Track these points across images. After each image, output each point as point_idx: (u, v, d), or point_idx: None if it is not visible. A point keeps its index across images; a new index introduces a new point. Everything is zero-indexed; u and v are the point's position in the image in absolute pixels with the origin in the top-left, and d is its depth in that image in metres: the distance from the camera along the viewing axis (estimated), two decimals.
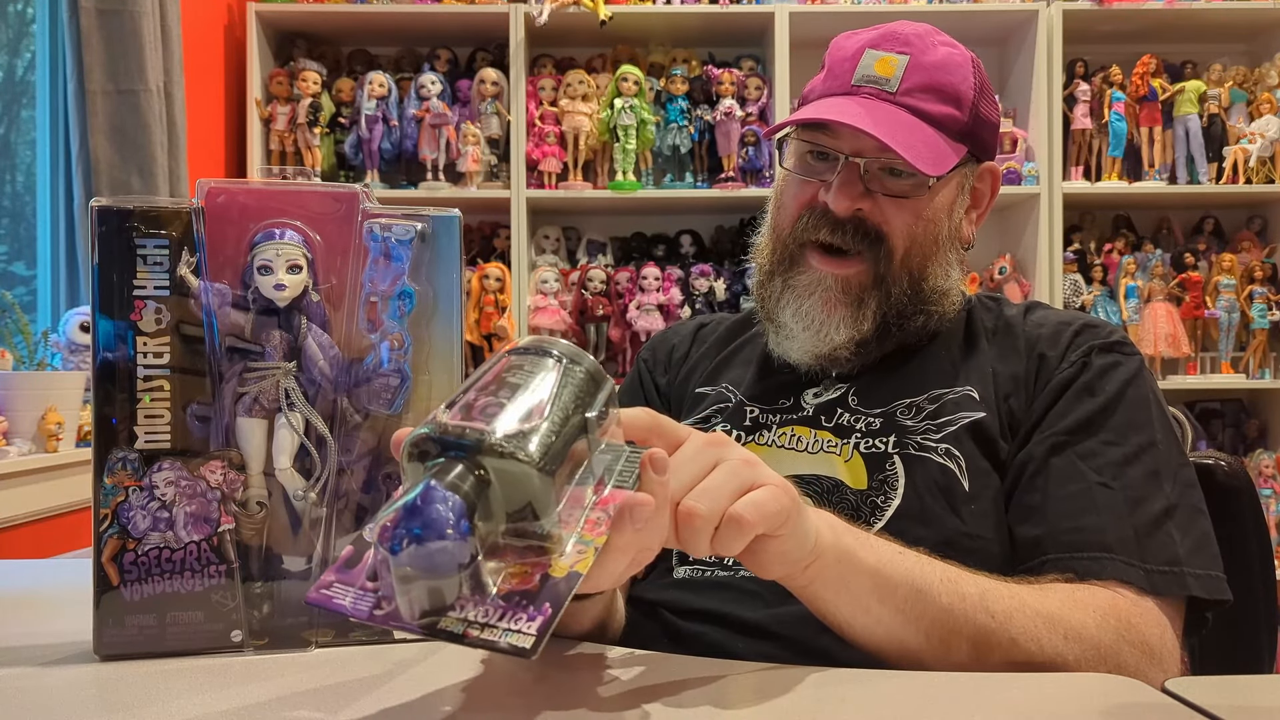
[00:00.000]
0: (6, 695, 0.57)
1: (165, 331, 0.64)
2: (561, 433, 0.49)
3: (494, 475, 0.46)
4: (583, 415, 0.50)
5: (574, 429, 0.50)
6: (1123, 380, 0.83)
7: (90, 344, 0.65)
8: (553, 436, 0.48)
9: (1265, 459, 2.71)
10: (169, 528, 0.64)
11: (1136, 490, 0.78)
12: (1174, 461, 0.81)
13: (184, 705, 0.56)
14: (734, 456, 0.58)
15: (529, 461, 0.46)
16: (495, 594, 0.47)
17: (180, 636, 0.64)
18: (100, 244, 0.63)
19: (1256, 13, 2.73)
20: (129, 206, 0.64)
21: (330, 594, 0.48)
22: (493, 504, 0.47)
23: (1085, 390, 0.83)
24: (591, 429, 0.51)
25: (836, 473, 0.86)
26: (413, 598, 0.45)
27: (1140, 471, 0.79)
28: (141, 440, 0.64)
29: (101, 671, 0.62)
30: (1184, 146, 2.74)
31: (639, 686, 0.59)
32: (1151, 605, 0.73)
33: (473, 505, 0.45)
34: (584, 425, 0.50)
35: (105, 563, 0.63)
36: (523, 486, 0.47)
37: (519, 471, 0.46)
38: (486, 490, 0.46)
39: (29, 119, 2.21)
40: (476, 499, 0.46)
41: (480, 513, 0.46)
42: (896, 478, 0.84)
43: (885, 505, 0.83)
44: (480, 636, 0.45)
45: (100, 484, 0.63)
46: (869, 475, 0.84)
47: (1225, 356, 2.74)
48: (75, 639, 0.65)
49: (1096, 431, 0.81)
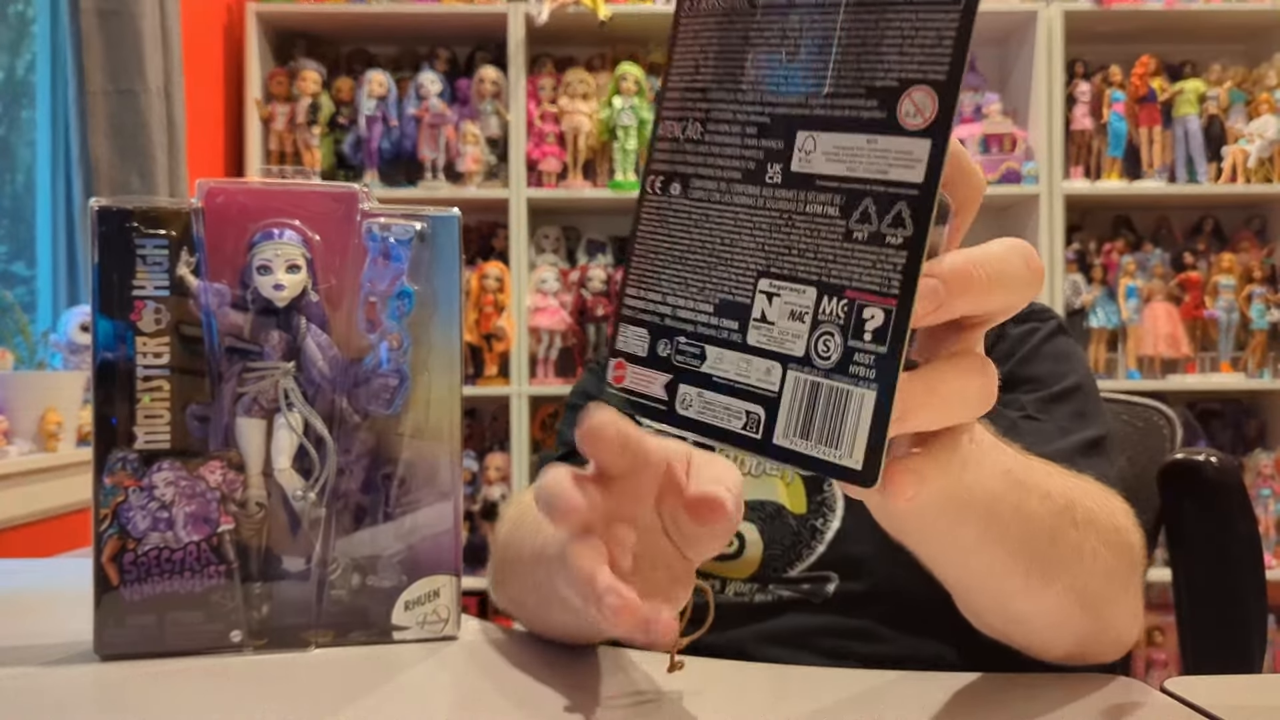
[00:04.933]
0: (6, 695, 0.57)
1: (165, 332, 0.64)
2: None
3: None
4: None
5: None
6: (1041, 338, 0.82)
7: (90, 344, 0.65)
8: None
9: (1264, 459, 2.71)
10: (169, 528, 0.64)
11: (1064, 423, 0.77)
12: (1100, 409, 0.80)
13: (184, 705, 0.56)
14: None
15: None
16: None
17: (180, 636, 0.64)
18: (100, 244, 0.63)
19: (1256, 14, 2.73)
20: (129, 206, 0.64)
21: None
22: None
23: (1003, 358, 0.81)
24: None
25: (778, 496, 0.82)
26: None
27: (1067, 409, 0.78)
28: (141, 440, 0.64)
29: (101, 671, 0.62)
30: (1183, 147, 2.74)
31: (642, 686, 0.59)
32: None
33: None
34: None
35: (105, 563, 0.63)
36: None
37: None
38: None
39: (29, 119, 2.21)
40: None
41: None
42: (835, 498, 0.81)
43: (824, 529, 0.80)
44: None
45: (100, 484, 0.63)
46: (808, 498, 0.81)
47: (1225, 356, 2.74)
48: (75, 639, 0.65)
49: (1017, 386, 0.80)
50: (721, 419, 0.37)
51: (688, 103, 0.38)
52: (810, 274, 0.35)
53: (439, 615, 0.69)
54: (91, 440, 0.64)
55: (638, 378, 0.39)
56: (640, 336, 0.40)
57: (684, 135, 0.39)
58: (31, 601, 0.80)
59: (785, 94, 0.36)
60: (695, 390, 0.38)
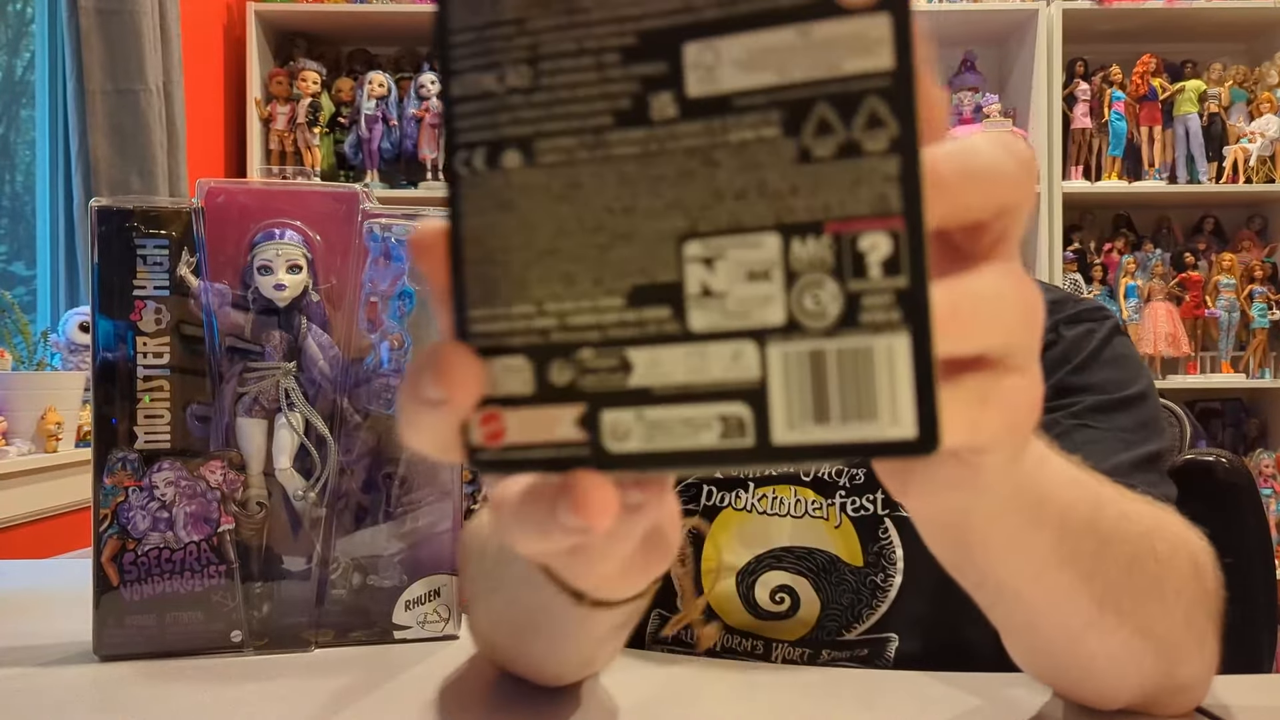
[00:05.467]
0: (6, 695, 0.57)
1: (165, 332, 0.64)
2: None
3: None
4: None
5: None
6: (1099, 340, 0.75)
7: (90, 344, 0.65)
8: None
9: (1265, 458, 2.72)
10: (169, 528, 0.64)
11: (1125, 434, 0.69)
12: (1162, 420, 0.74)
13: (184, 705, 0.56)
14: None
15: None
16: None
17: (180, 637, 0.64)
18: (100, 244, 0.63)
19: (1256, 12, 2.73)
20: (129, 206, 0.64)
21: None
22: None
23: (1057, 362, 0.74)
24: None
25: (830, 545, 0.72)
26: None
27: (1128, 419, 0.71)
28: (141, 440, 0.64)
29: (101, 671, 0.62)
30: (1184, 146, 2.74)
31: (643, 685, 0.59)
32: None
33: None
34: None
35: (105, 563, 0.63)
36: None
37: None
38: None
39: (28, 119, 2.21)
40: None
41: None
42: (893, 545, 0.71)
43: (887, 585, 0.71)
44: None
45: (100, 484, 0.63)
46: (863, 546, 0.72)
47: (1225, 356, 2.74)
48: (75, 639, 0.65)
49: (1072, 392, 0.72)
50: (684, 438, 0.27)
51: (496, 41, 0.28)
52: (762, 218, 0.27)
53: (439, 615, 0.69)
54: (91, 440, 0.64)
55: (528, 425, 0.28)
56: (515, 368, 0.28)
57: (504, 86, 0.28)
58: (31, 601, 0.80)
59: (654, 1, 0.27)
60: (630, 414, 0.28)
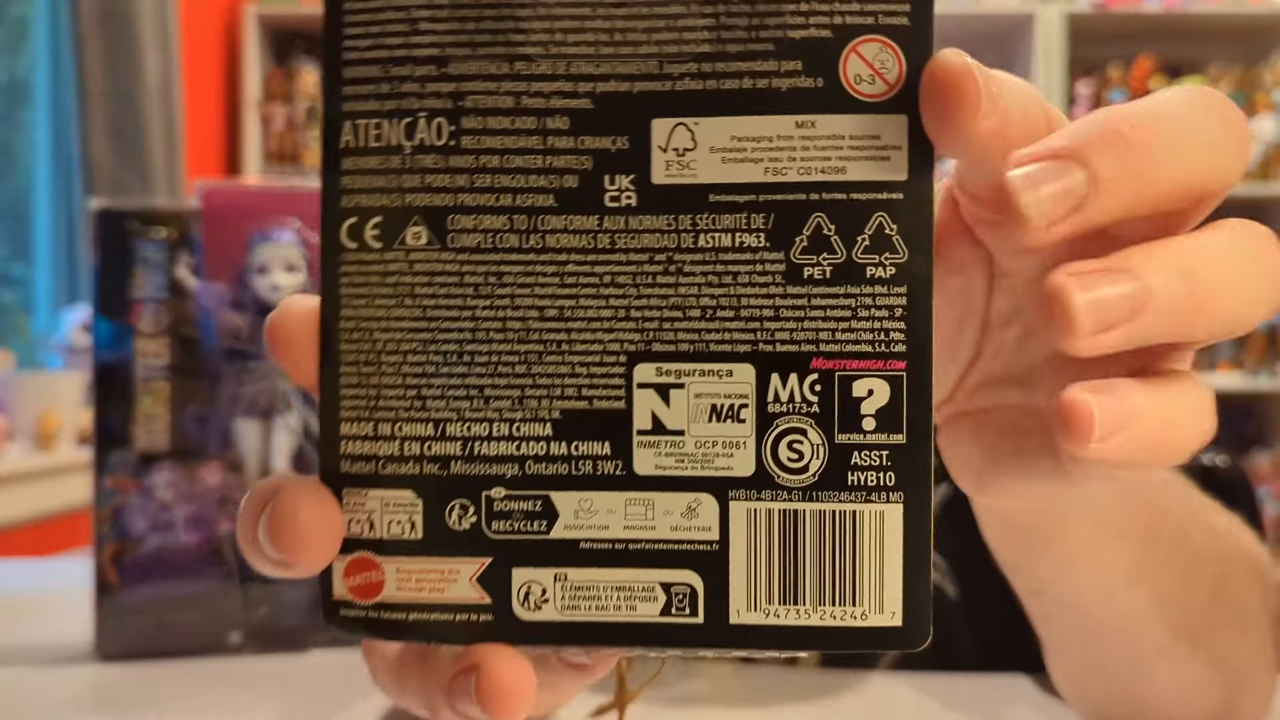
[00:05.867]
0: (6, 695, 0.58)
1: (163, 333, 0.64)
2: None
3: None
4: None
5: None
6: None
7: (89, 345, 0.65)
8: None
9: (1263, 459, 2.72)
10: (168, 529, 0.64)
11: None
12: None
13: (183, 706, 0.56)
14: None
15: None
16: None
17: (179, 637, 0.64)
18: (99, 245, 0.64)
19: (1254, 16, 2.73)
20: (127, 208, 0.64)
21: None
22: None
23: None
24: None
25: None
26: None
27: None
28: (140, 442, 0.64)
29: (101, 672, 0.62)
30: None
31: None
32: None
33: None
34: None
35: (105, 564, 0.63)
36: None
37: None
38: None
39: (28, 120, 2.21)
40: None
41: None
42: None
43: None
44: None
45: (100, 485, 0.64)
46: None
47: (1223, 356, 2.74)
48: (75, 639, 0.65)
49: None
50: (617, 609, 0.22)
51: (407, 83, 0.22)
52: (735, 344, 0.22)
53: None
54: (91, 441, 0.64)
55: (414, 580, 0.22)
56: (400, 506, 0.22)
57: (413, 142, 0.22)
58: (31, 601, 0.80)
59: (619, 59, 0.22)
60: (549, 574, 0.22)
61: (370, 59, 0.22)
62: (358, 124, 0.22)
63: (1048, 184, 0.20)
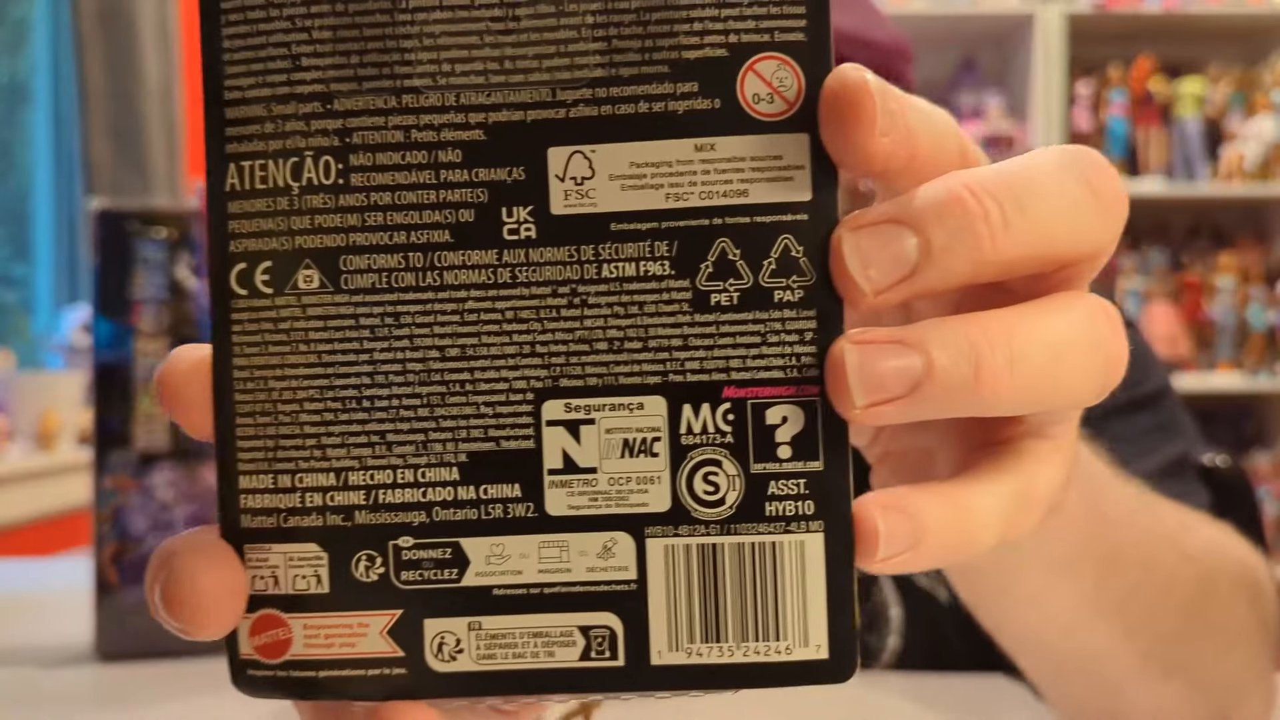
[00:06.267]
0: (6, 695, 0.58)
1: (164, 333, 0.64)
2: None
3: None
4: None
5: None
6: None
7: (89, 345, 0.65)
8: None
9: (1263, 459, 2.72)
10: (168, 529, 0.64)
11: (1147, 438, 0.63)
12: (1184, 418, 0.67)
13: (183, 706, 0.56)
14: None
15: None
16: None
17: (179, 638, 0.64)
18: (99, 246, 0.64)
19: (1254, 16, 2.73)
20: (128, 208, 0.64)
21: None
22: None
23: None
24: None
25: None
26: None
27: (1147, 421, 0.64)
28: (140, 442, 0.64)
29: (101, 672, 0.62)
30: (1182, 147, 2.74)
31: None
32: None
33: None
34: None
35: (105, 564, 0.63)
36: None
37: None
38: None
39: (29, 120, 2.21)
40: None
41: None
42: (887, 604, 0.64)
43: (880, 646, 0.65)
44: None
45: (100, 485, 0.64)
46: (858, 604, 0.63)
47: (1223, 357, 2.74)
48: (75, 639, 0.65)
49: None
50: (534, 656, 0.21)
51: (292, 121, 0.21)
52: (644, 376, 0.21)
53: None
54: (91, 441, 0.64)
55: (322, 636, 0.22)
56: (305, 560, 0.22)
57: (301, 182, 0.21)
58: (31, 601, 0.80)
59: (511, 88, 0.21)
60: (462, 623, 0.21)
61: (252, 98, 0.21)
62: (242, 166, 0.21)
63: (876, 250, 0.20)
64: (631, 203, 0.21)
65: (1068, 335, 0.21)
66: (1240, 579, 0.44)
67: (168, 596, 0.20)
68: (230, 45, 0.21)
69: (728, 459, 0.21)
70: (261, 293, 0.21)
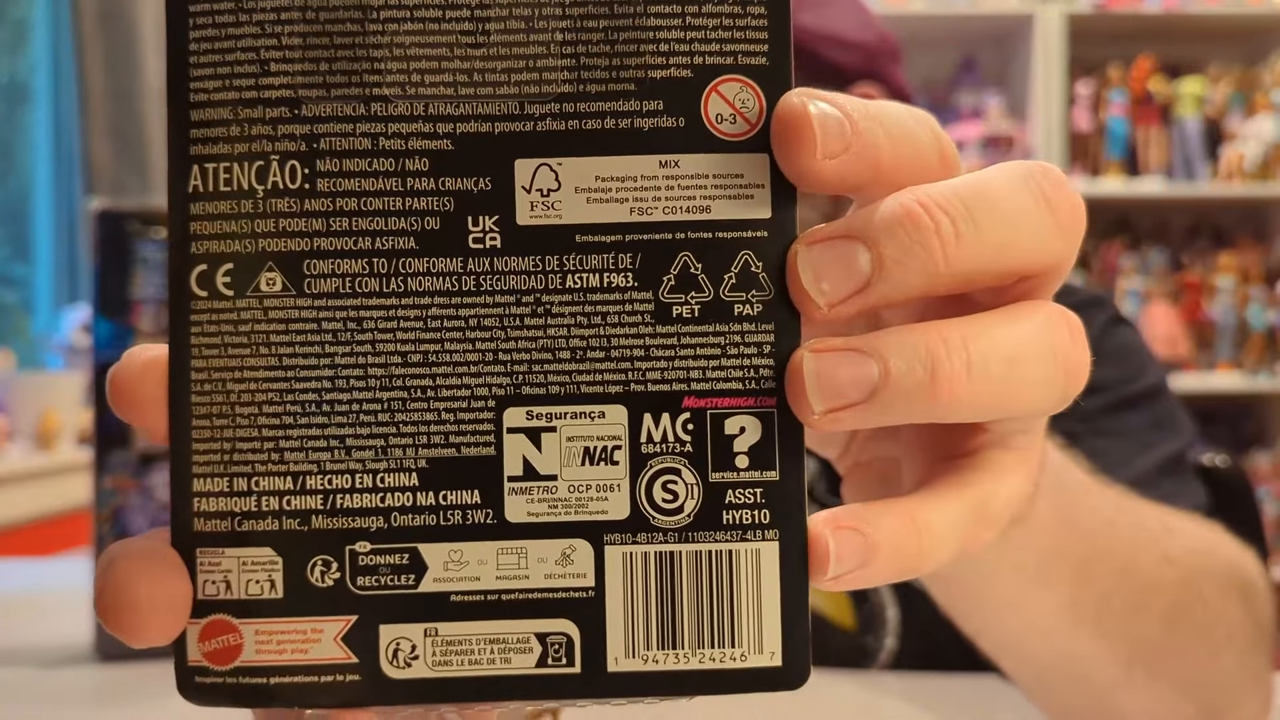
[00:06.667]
0: (6, 695, 0.58)
1: (164, 333, 0.64)
2: None
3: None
4: None
5: None
6: (1096, 333, 0.62)
7: (89, 345, 0.65)
8: None
9: (1263, 459, 2.72)
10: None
11: (1142, 435, 0.62)
12: (1179, 413, 0.67)
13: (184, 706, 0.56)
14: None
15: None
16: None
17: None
18: (100, 246, 0.64)
19: (1254, 16, 2.74)
20: (128, 208, 0.64)
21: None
22: None
23: None
24: None
25: (815, 603, 0.64)
26: None
27: (1143, 418, 0.64)
28: (140, 442, 0.64)
29: (101, 672, 0.62)
30: (1182, 147, 2.74)
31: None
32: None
33: None
34: None
35: None
36: None
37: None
38: None
39: (29, 120, 2.21)
40: None
41: None
42: (883, 604, 0.64)
43: (877, 648, 0.64)
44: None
45: (99, 485, 0.64)
46: (855, 607, 0.64)
47: (1223, 357, 2.74)
48: (75, 639, 0.65)
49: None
50: (490, 663, 0.21)
51: (258, 126, 0.21)
52: (606, 385, 0.21)
53: None
54: (91, 441, 0.64)
55: (274, 642, 0.21)
56: (259, 564, 0.21)
57: (266, 186, 0.21)
58: (31, 601, 0.80)
59: (480, 100, 0.21)
60: (418, 629, 0.21)
61: (218, 101, 0.21)
62: (206, 167, 0.21)
63: (829, 264, 0.21)
64: (596, 215, 0.21)
65: (1025, 343, 0.22)
66: (1230, 580, 0.44)
67: (104, 604, 0.20)
68: (197, 48, 0.21)
69: (687, 468, 0.21)
70: (222, 294, 0.21)
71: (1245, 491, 0.97)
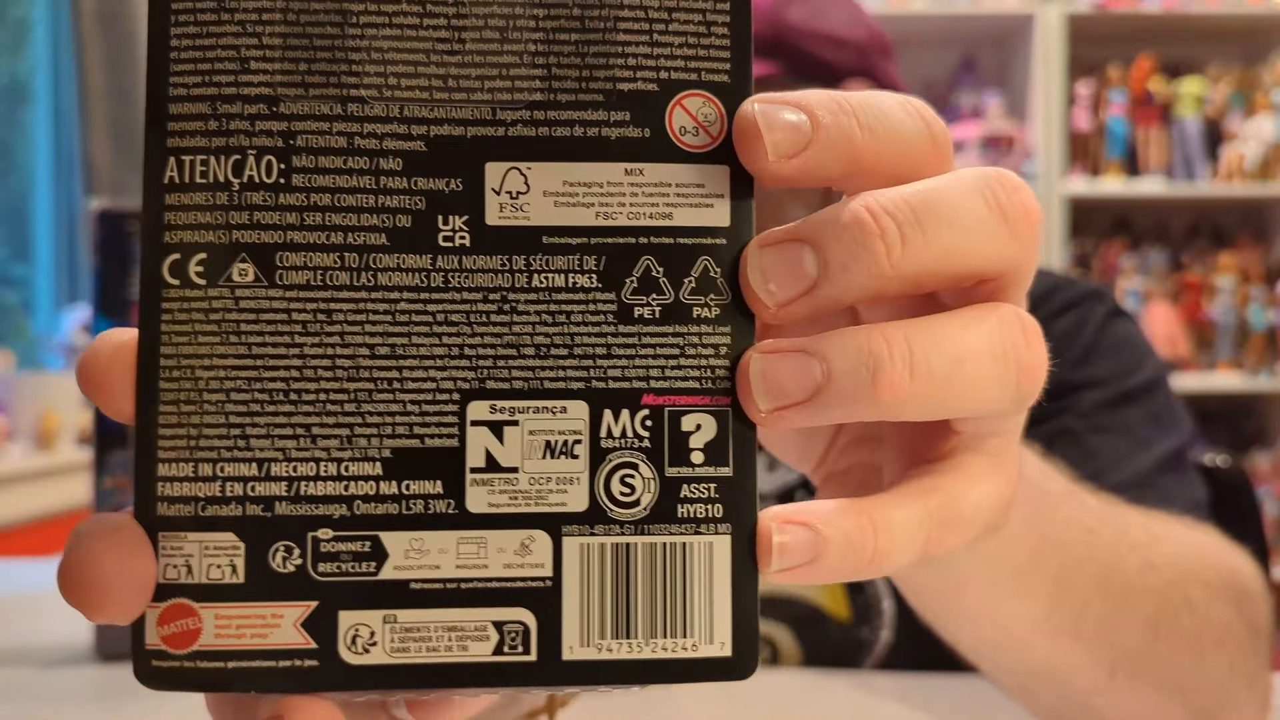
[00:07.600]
0: (6, 695, 0.58)
1: None
2: None
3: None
4: None
5: None
6: (1095, 327, 0.66)
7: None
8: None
9: (1263, 459, 2.72)
10: None
11: (1141, 431, 0.62)
12: (1178, 408, 0.66)
13: (184, 706, 0.56)
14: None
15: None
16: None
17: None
18: (100, 246, 0.64)
19: (1254, 16, 2.74)
20: (128, 208, 0.64)
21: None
22: None
23: (1052, 359, 0.63)
24: None
25: (812, 595, 0.65)
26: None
27: (1141, 413, 0.63)
28: None
29: (101, 672, 0.62)
30: (1182, 147, 2.74)
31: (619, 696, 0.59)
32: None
33: None
34: None
35: None
36: None
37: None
38: None
39: (29, 120, 2.21)
40: None
41: None
42: (879, 596, 0.64)
43: (873, 639, 0.64)
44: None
45: (99, 485, 0.64)
46: (850, 599, 0.64)
47: (1223, 357, 2.74)
48: (75, 639, 0.65)
49: (1075, 389, 0.63)
50: (447, 650, 0.22)
51: (236, 120, 0.22)
52: (568, 381, 0.22)
53: None
54: (91, 441, 0.64)
55: (234, 626, 0.21)
56: (221, 549, 0.22)
57: (242, 179, 0.22)
58: (31, 601, 0.80)
59: (454, 104, 0.22)
60: (377, 616, 0.22)
61: (198, 96, 0.22)
62: (182, 159, 0.22)
63: (777, 266, 0.22)
64: (563, 218, 0.22)
65: (973, 343, 0.22)
66: (1221, 584, 0.44)
67: (67, 578, 0.20)
68: (179, 44, 0.22)
69: (644, 462, 0.22)
70: (194, 283, 0.22)
71: (1246, 491, 0.97)
